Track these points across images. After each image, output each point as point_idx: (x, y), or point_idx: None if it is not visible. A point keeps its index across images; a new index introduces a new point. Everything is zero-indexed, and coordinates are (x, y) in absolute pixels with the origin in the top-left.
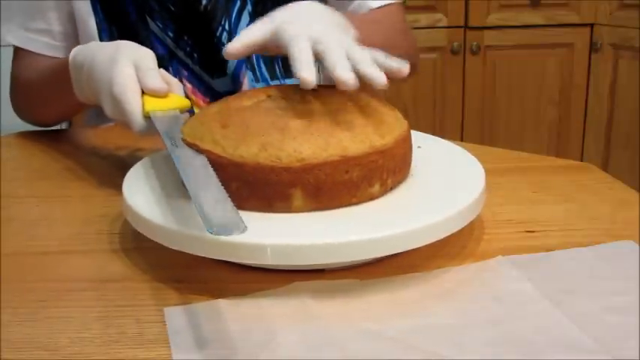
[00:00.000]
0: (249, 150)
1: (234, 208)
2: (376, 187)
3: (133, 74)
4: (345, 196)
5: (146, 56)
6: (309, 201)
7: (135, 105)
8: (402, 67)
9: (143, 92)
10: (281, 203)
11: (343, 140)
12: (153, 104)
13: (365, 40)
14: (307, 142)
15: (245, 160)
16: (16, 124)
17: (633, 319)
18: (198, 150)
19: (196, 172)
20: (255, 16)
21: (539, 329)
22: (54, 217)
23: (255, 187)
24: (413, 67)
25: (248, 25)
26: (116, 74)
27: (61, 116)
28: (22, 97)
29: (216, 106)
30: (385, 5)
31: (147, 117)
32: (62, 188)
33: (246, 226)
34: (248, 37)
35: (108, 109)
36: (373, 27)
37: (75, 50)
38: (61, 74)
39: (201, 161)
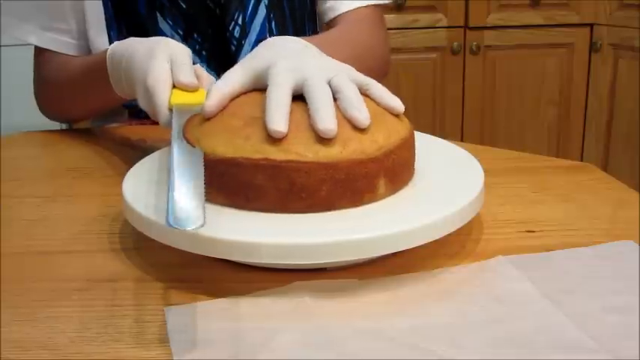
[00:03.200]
0: (330, 149)
1: (202, 202)
2: (414, 167)
3: (167, 68)
4: (407, 174)
5: (182, 52)
6: (389, 186)
7: (163, 97)
8: (397, 106)
9: (175, 86)
10: (369, 194)
11: (394, 124)
12: (180, 98)
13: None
14: (377, 130)
15: (334, 160)
16: (16, 124)
17: (633, 319)
18: (274, 164)
19: (184, 165)
20: (271, 9)
21: (539, 329)
22: (54, 217)
23: (346, 184)
24: (384, 74)
25: (264, 19)
26: (152, 66)
27: (93, 112)
28: (51, 96)
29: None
30: (357, 8)
31: (172, 110)
32: (63, 188)
33: (204, 222)
34: (226, 86)
35: (141, 101)
36: (336, 46)
37: (113, 46)
38: (95, 71)
39: (196, 156)
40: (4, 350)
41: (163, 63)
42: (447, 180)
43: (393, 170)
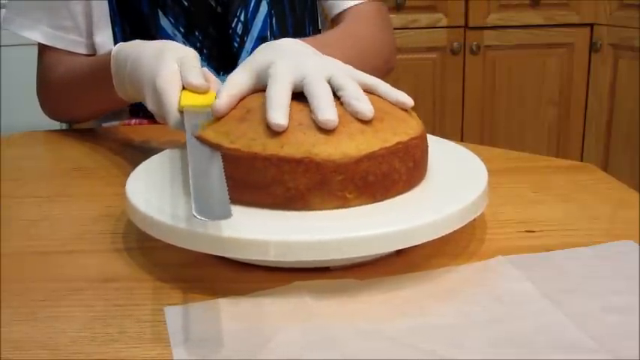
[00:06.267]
0: (412, 124)
1: (227, 196)
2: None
3: (177, 70)
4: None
5: (191, 55)
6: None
7: (173, 99)
8: (406, 101)
9: (184, 88)
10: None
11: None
12: (189, 100)
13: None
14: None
15: (419, 133)
16: (16, 124)
17: (633, 319)
18: (406, 145)
19: (203, 160)
20: (272, 5)
21: (539, 329)
22: (56, 217)
23: (426, 154)
24: (390, 70)
25: (266, 16)
26: (161, 68)
27: (96, 113)
28: (54, 96)
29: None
30: (360, 4)
31: (182, 112)
32: (65, 188)
33: (231, 214)
34: (233, 87)
35: (149, 102)
36: (335, 47)
37: (118, 47)
38: (98, 71)
39: (212, 153)
40: (4, 350)
41: (173, 65)
42: (452, 179)
43: (423, 156)
